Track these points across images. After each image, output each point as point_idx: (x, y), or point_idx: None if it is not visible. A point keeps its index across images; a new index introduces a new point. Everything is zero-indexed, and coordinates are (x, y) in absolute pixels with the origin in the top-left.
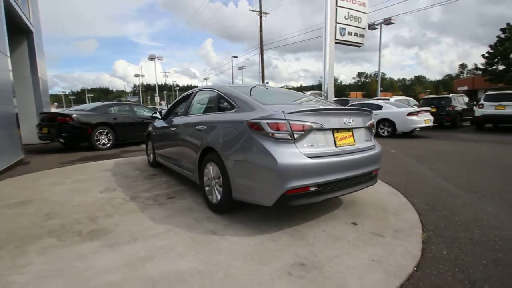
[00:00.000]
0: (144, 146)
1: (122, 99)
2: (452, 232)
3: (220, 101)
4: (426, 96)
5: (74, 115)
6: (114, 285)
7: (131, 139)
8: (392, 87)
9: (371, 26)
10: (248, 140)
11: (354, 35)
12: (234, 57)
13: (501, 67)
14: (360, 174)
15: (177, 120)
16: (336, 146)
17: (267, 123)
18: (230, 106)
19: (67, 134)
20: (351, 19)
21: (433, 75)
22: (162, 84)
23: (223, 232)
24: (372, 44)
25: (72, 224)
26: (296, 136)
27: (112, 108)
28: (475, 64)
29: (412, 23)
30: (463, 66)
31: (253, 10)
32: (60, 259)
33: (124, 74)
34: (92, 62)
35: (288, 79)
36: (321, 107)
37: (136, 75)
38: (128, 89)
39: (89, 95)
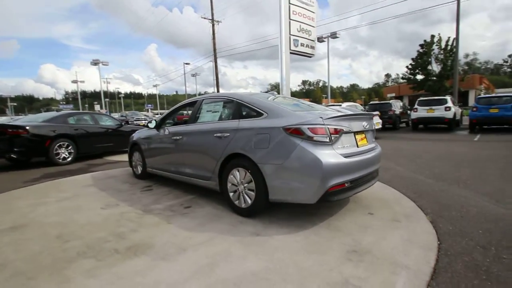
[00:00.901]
0: (111, 158)
1: (52, 108)
2: (446, 212)
3: (241, 109)
4: (371, 102)
5: (28, 127)
6: None
7: (94, 152)
8: (333, 94)
9: (320, 39)
10: (287, 144)
11: (306, 46)
12: (186, 63)
13: (421, 77)
14: (373, 171)
15: (181, 129)
16: (357, 147)
17: (308, 128)
18: (255, 113)
19: (21, 149)
20: (303, 31)
21: (365, 84)
22: (99, 91)
23: (266, 232)
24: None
25: (99, 243)
26: (333, 138)
27: (71, 118)
28: (397, 74)
29: (345, 37)
30: (388, 75)
31: (205, 18)
32: (119, 279)
33: (53, 80)
34: (12, 66)
35: (237, 86)
36: (348, 113)
37: (74, 81)
38: (59, 96)
39: (12, 103)
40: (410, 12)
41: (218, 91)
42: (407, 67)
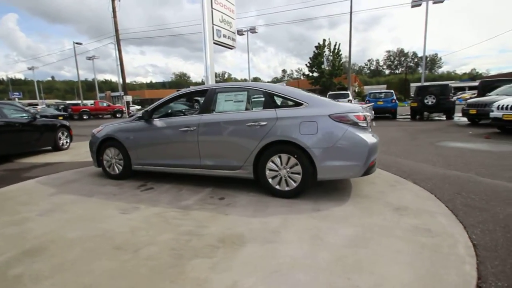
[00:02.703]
0: (28, 160)
1: None
2: (415, 176)
3: (274, 99)
4: None
5: None
6: (344, 254)
7: (4, 153)
8: None
9: (239, 32)
10: (336, 129)
11: (228, 38)
12: (78, 43)
13: (316, 74)
14: None
15: (193, 119)
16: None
17: (354, 115)
18: (293, 103)
19: None
20: (225, 23)
21: (264, 77)
22: None
23: (322, 207)
24: (215, 47)
25: (181, 243)
26: (368, 124)
27: None
28: (292, 70)
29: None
30: (284, 71)
31: None
32: (254, 266)
33: None
34: None
35: (134, 73)
36: (369, 104)
37: None
38: None
39: None
40: (301, 20)
41: (124, 77)
42: (306, 65)
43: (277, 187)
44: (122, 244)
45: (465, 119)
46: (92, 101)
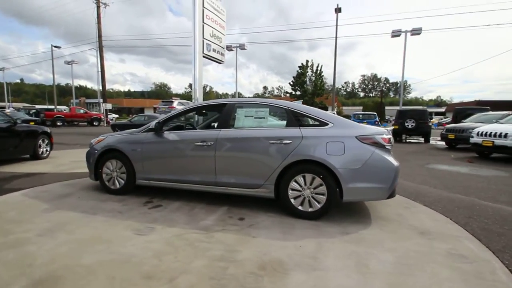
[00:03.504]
0: (5, 170)
1: None
2: (423, 198)
3: (298, 117)
4: None
5: None
6: (396, 282)
7: None
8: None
9: (229, 48)
10: (364, 151)
11: (217, 52)
12: (56, 47)
13: (299, 93)
14: None
15: (211, 133)
16: None
17: (381, 138)
18: (318, 123)
19: None
20: (215, 37)
21: (246, 93)
22: None
23: (349, 230)
24: (191, 59)
25: (218, 271)
26: (392, 147)
27: None
28: (273, 88)
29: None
30: (265, 88)
31: None
32: None
33: None
34: None
35: (112, 81)
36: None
37: None
38: None
39: None
40: (284, 41)
41: (104, 85)
42: (289, 83)
43: (300, 207)
44: (152, 272)
45: (442, 143)
46: (65, 107)
